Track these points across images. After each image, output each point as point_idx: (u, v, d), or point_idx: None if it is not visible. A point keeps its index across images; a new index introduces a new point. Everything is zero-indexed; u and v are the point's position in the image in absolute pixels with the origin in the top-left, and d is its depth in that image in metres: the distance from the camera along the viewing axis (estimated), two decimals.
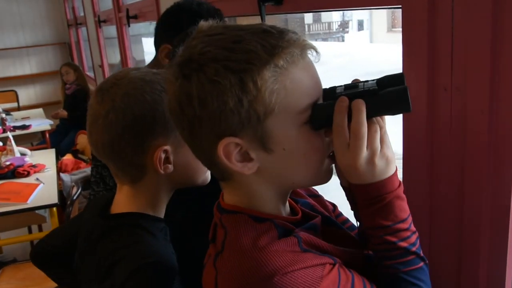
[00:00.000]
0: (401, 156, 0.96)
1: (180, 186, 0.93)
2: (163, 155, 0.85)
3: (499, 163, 0.78)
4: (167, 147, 0.85)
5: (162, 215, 0.92)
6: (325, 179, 0.71)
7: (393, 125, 0.79)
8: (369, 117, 0.63)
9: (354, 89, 0.65)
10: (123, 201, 0.91)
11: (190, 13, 1.26)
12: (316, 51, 0.65)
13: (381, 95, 0.63)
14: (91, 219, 0.94)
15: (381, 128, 0.64)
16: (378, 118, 0.65)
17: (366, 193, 0.66)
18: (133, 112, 0.83)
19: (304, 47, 0.64)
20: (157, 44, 1.35)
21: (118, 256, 0.82)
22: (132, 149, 0.85)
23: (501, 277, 0.83)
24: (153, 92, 0.84)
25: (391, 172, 0.65)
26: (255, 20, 1.39)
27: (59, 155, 3.97)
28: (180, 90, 0.64)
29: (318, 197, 0.88)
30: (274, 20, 1.65)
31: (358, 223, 0.75)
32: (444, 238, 0.91)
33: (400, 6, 0.91)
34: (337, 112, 0.63)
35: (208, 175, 0.93)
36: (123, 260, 0.81)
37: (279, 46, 0.61)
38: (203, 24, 0.67)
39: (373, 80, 0.66)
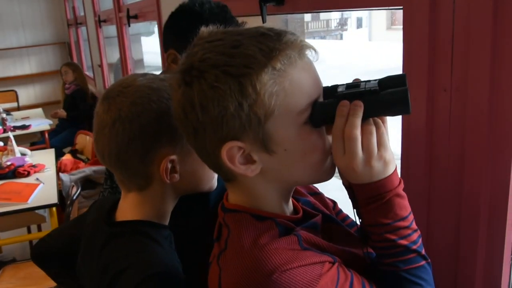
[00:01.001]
0: (400, 157, 0.96)
1: (186, 193, 0.92)
2: (169, 165, 0.84)
3: (498, 164, 0.78)
4: (174, 157, 0.84)
5: (167, 222, 0.92)
6: (329, 176, 0.71)
7: (393, 126, 0.79)
8: (368, 117, 0.64)
9: (355, 89, 0.65)
10: (129, 209, 0.90)
11: (193, 15, 1.23)
12: (315, 51, 0.66)
13: (381, 96, 0.63)
14: (95, 223, 0.94)
15: (379, 128, 0.64)
16: (377, 118, 0.65)
17: (366, 192, 0.67)
18: (140, 122, 0.82)
19: (302, 48, 0.64)
20: (165, 50, 1.31)
21: (124, 264, 0.81)
22: (138, 159, 0.84)
23: (497, 276, 0.83)
24: (160, 101, 0.83)
25: (390, 172, 0.66)
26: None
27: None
28: (183, 97, 0.65)
29: (318, 195, 0.89)
30: (275, 19, 1.65)
31: (360, 220, 0.75)
32: (442, 238, 0.91)
33: (401, 7, 0.91)
34: (338, 115, 0.64)
35: (214, 181, 0.92)
36: (129, 269, 0.80)
37: (276, 48, 0.62)
38: (203, 30, 0.68)
39: (375, 80, 0.66)
